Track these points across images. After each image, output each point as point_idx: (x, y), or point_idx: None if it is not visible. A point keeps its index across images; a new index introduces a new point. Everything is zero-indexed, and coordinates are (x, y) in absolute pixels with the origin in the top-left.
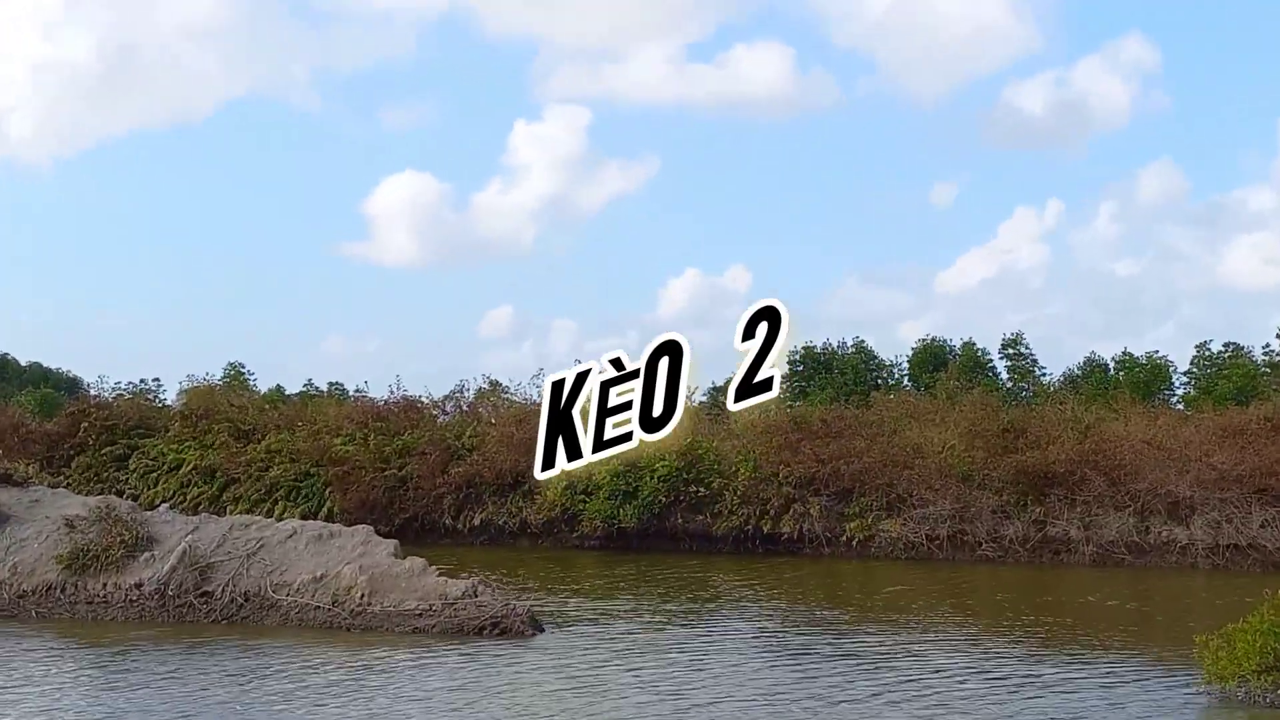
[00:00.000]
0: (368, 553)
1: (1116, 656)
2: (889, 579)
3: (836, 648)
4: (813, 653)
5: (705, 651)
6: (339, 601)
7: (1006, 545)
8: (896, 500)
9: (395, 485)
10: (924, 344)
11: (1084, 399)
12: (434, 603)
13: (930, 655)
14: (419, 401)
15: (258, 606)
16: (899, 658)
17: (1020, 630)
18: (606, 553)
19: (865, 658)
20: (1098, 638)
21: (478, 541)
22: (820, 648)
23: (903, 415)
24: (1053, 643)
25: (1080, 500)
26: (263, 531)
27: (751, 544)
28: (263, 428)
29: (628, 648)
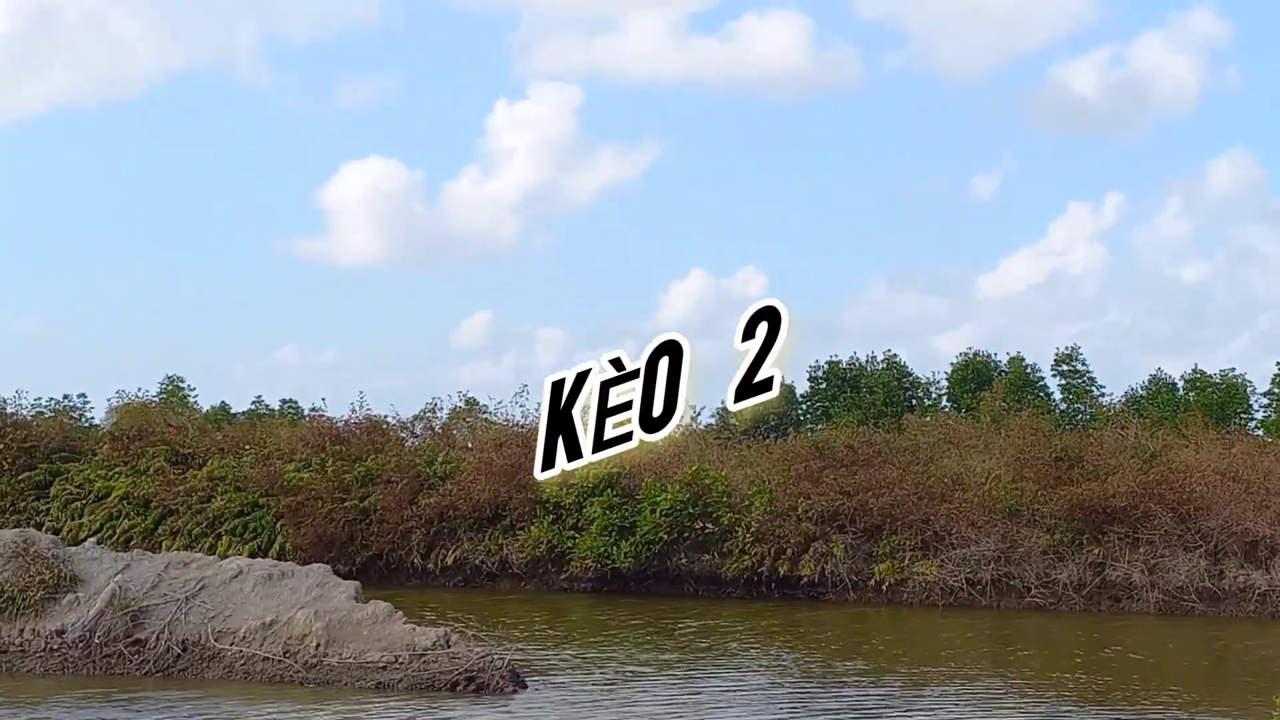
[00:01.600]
0: (324, 596)
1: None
2: (923, 629)
3: (860, 708)
4: (832, 713)
5: (710, 712)
6: (291, 652)
7: (1059, 591)
8: (933, 539)
9: (356, 518)
10: (965, 359)
11: (1149, 423)
12: (400, 654)
13: (970, 718)
14: (384, 422)
15: (197, 657)
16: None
17: (1075, 689)
18: (599, 597)
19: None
20: (1164, 698)
21: (451, 584)
22: (841, 708)
23: (940, 441)
24: (1112, 703)
25: (1144, 539)
26: (204, 571)
27: (766, 588)
28: (204, 451)
29: (622, 706)
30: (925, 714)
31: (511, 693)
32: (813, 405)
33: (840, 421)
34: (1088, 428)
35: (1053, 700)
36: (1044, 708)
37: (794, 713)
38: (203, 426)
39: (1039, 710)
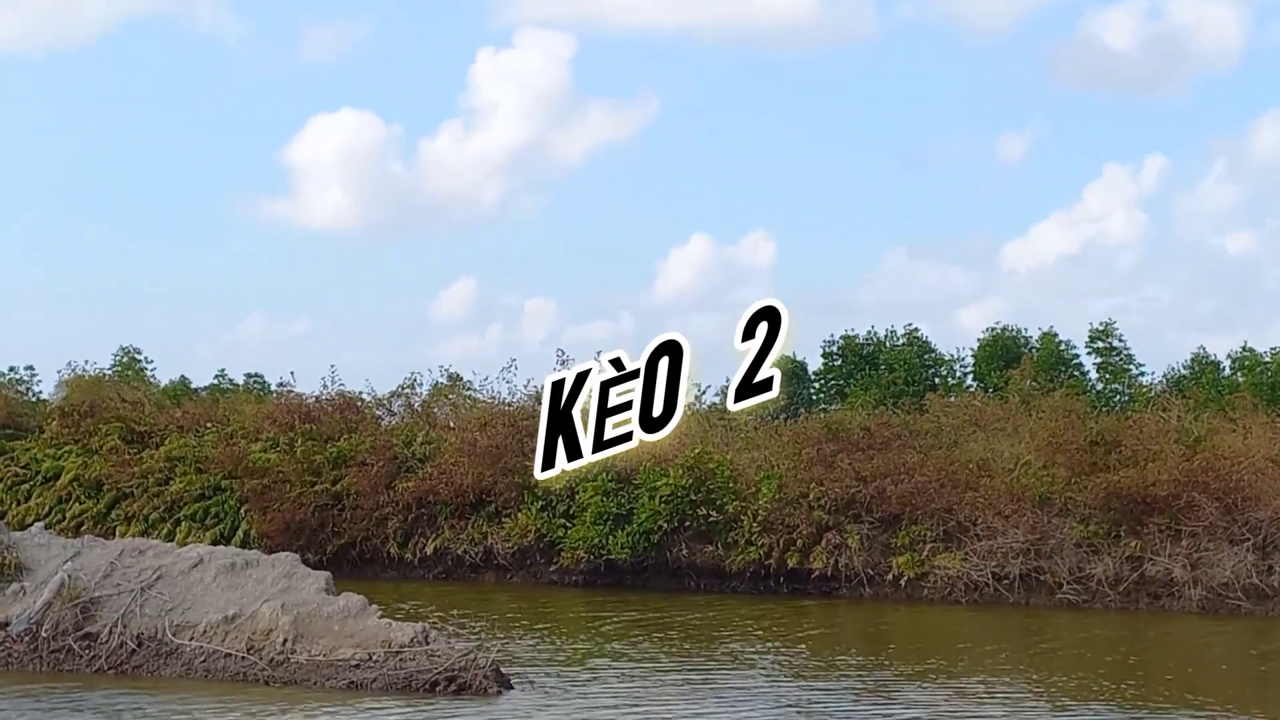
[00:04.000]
0: (292, 587)
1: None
2: (945, 627)
3: (875, 713)
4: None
5: (712, 718)
6: (255, 648)
7: (1093, 587)
8: (957, 529)
9: (328, 504)
10: (992, 334)
11: (1192, 405)
12: (375, 651)
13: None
14: (358, 399)
15: (154, 653)
16: None
17: (1109, 694)
18: (592, 591)
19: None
20: (1210, 704)
21: (431, 575)
22: (855, 714)
23: (965, 423)
24: (1154, 709)
25: (1186, 532)
26: (161, 559)
27: (774, 582)
28: (162, 430)
29: (615, 710)
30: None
31: (495, 694)
32: (826, 384)
33: (856, 401)
34: (1126, 410)
35: (1088, 705)
36: (1079, 714)
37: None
38: (160, 402)
39: (1074, 717)
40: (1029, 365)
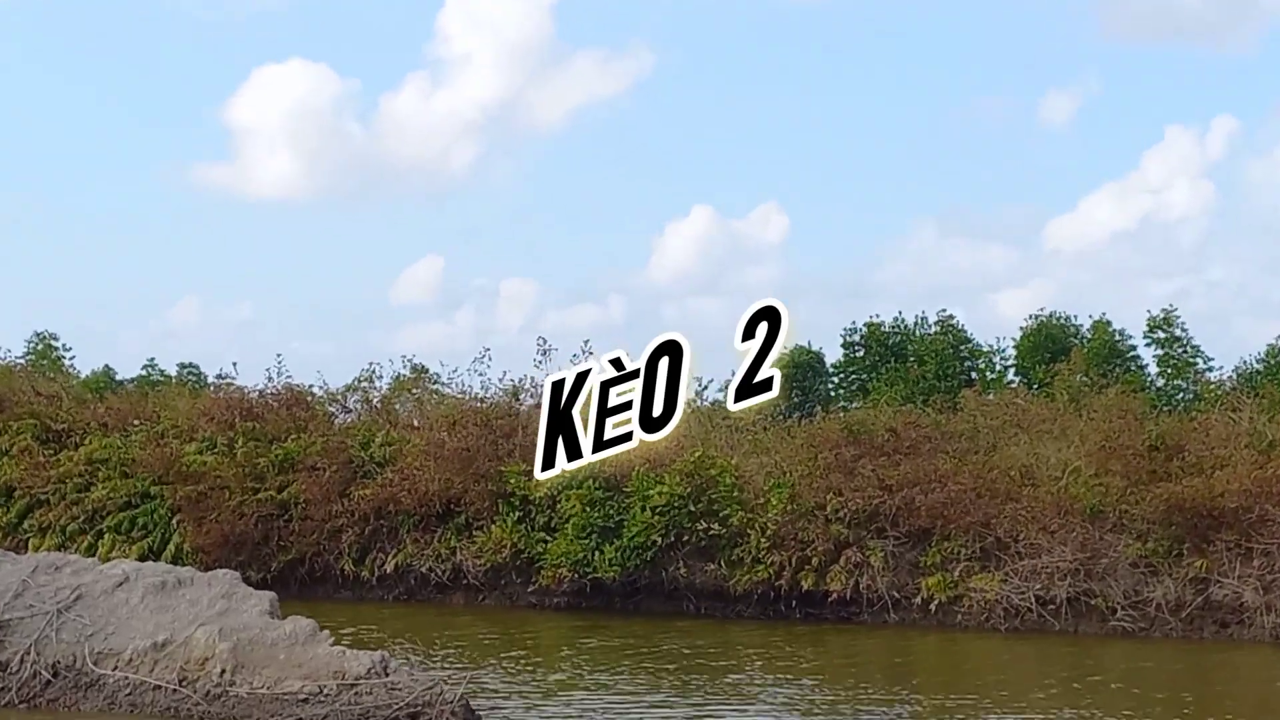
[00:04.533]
0: (232, 610)
1: None
2: (981, 658)
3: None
4: None
5: None
6: (189, 680)
7: (1151, 613)
8: (995, 546)
9: (273, 513)
10: (1036, 322)
11: (1266, 404)
12: (326, 684)
13: None
14: (308, 394)
15: (71, 684)
16: None
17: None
18: (575, 615)
19: None
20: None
21: (391, 596)
22: None
23: (1006, 424)
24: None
25: (1259, 550)
26: (81, 577)
27: (785, 606)
28: (82, 428)
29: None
30: None
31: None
32: (847, 378)
33: (881, 399)
34: (1189, 409)
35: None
36: None
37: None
38: (80, 396)
39: None
40: (1079, 358)
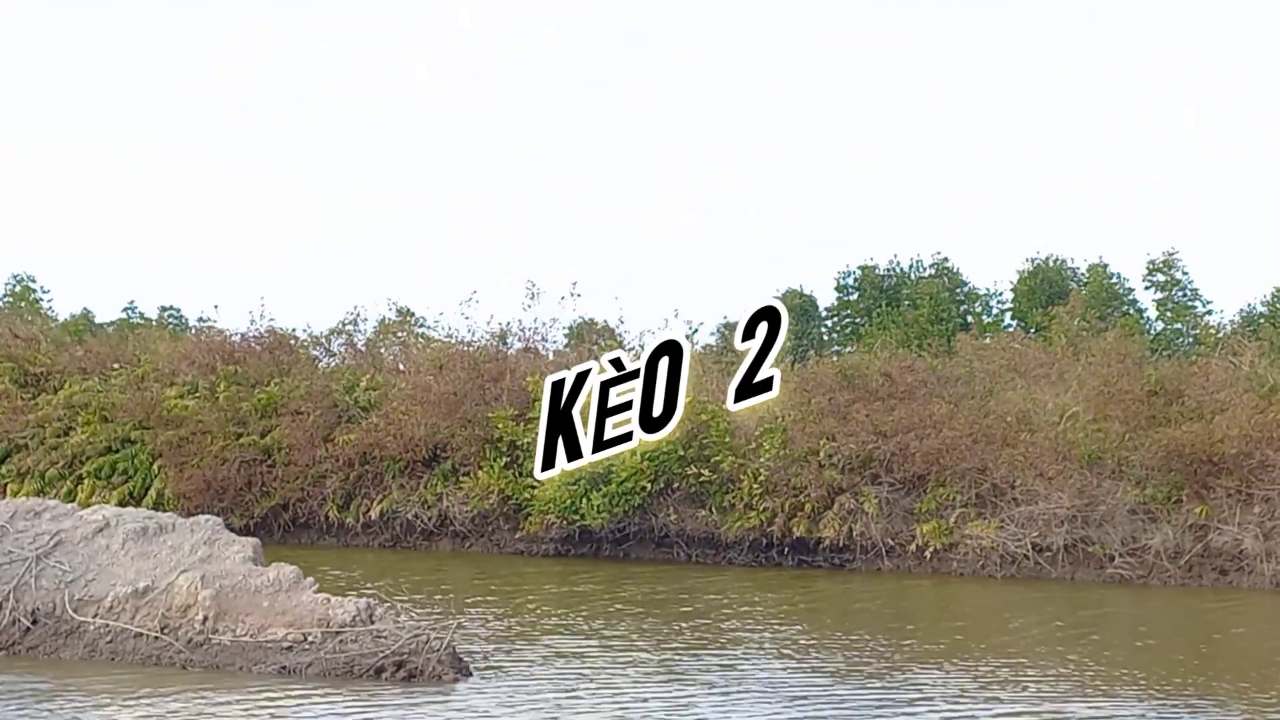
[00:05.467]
0: (214, 556)
1: None
2: (977, 606)
3: (893, 706)
4: (858, 713)
5: (702, 710)
6: (171, 627)
7: (1150, 560)
8: (991, 493)
9: (256, 459)
10: (1034, 265)
11: (1269, 349)
12: (310, 631)
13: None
14: (292, 337)
15: (51, 632)
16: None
17: (1175, 688)
18: (564, 562)
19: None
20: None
21: (376, 543)
22: (870, 707)
23: (1003, 368)
24: (1219, 702)
25: (1259, 496)
26: (60, 523)
27: (777, 553)
28: (61, 371)
29: (588, 701)
30: (979, 715)
31: (451, 681)
32: (840, 322)
33: (875, 343)
34: (1190, 354)
35: (1145, 699)
36: (1115, 706)
37: (808, 712)
38: (59, 339)
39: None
40: (1076, 302)
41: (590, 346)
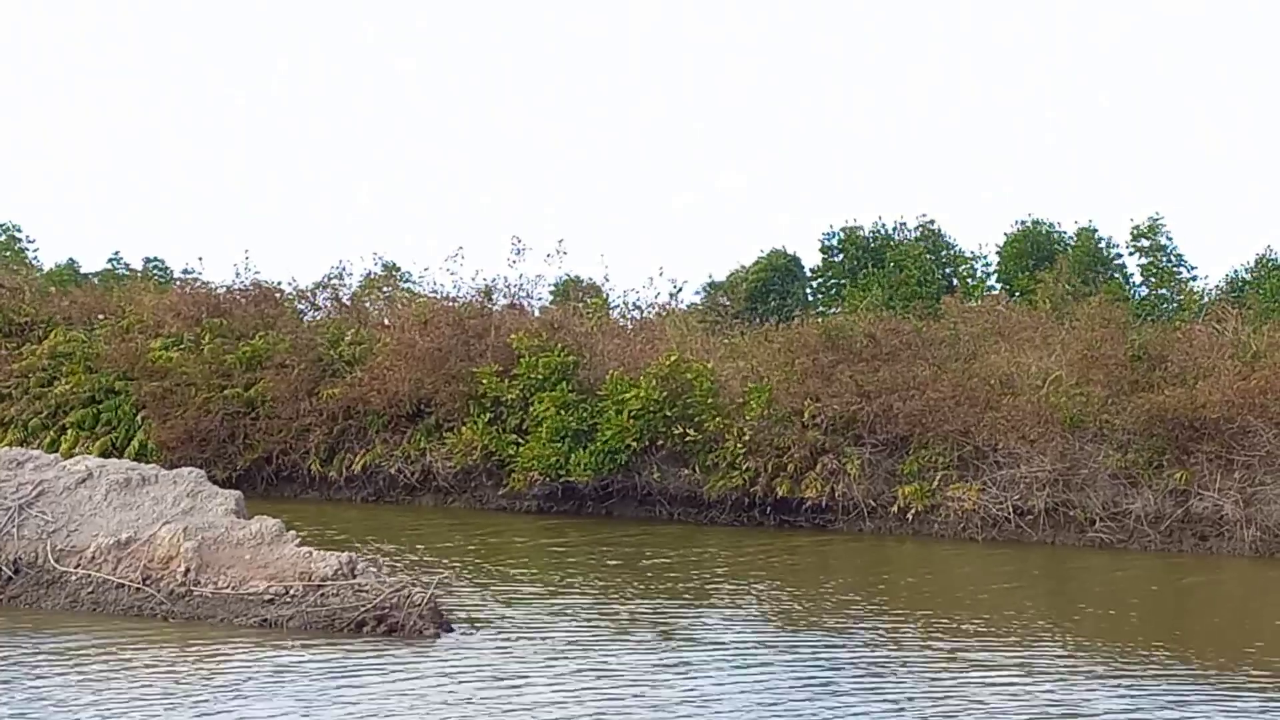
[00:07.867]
0: (196, 508)
1: None
2: (957, 568)
3: (872, 666)
4: (839, 671)
5: (682, 667)
6: (153, 578)
7: (1130, 525)
8: (974, 455)
9: (239, 411)
10: (1020, 229)
11: (1252, 315)
12: (292, 584)
13: (1021, 683)
14: (277, 290)
15: (33, 582)
16: (962, 681)
17: (1154, 653)
18: (547, 519)
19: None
20: (1245, 662)
21: (359, 497)
22: (846, 664)
23: (987, 331)
24: (1202, 666)
25: (1240, 462)
26: (42, 473)
27: (759, 512)
28: (46, 321)
29: (570, 658)
30: (959, 678)
31: (432, 636)
32: (825, 283)
33: (860, 304)
34: (1173, 319)
35: (1124, 664)
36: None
37: (791, 669)
38: (44, 289)
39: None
40: (1062, 266)
41: (576, 304)
